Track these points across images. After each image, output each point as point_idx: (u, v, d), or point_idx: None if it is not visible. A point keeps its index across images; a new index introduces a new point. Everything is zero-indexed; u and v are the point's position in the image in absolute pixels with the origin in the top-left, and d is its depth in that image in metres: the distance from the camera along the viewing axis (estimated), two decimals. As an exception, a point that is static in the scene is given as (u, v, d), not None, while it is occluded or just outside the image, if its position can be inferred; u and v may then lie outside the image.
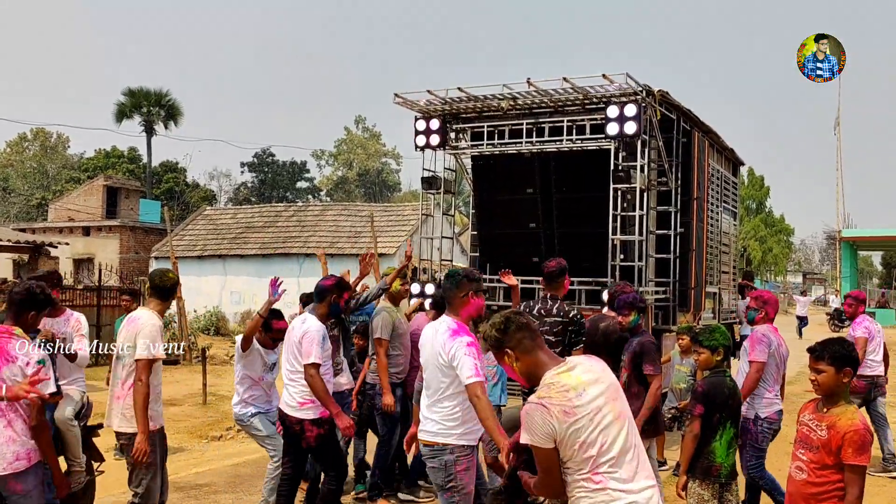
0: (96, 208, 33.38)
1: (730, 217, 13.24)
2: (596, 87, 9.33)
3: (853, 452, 3.75)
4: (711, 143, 11.62)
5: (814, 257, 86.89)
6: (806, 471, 3.96)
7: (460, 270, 4.79)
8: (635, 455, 2.99)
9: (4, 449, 4.18)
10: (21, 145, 55.80)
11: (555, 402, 2.91)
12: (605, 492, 2.93)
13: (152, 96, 44.40)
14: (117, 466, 8.58)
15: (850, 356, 3.94)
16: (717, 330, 5.50)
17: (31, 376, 4.13)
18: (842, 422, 3.83)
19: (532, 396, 3.01)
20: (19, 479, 4.20)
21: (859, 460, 3.75)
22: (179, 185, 48.53)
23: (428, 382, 4.56)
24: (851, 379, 3.94)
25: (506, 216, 10.75)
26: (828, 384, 3.94)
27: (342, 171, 64.65)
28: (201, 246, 26.31)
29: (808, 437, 3.99)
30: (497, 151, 10.34)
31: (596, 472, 2.93)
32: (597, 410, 2.92)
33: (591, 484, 2.94)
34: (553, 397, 2.93)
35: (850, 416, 3.84)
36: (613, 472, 2.93)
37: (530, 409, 2.96)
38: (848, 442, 3.76)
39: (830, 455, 3.83)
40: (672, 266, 10.08)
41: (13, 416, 4.21)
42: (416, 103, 10.34)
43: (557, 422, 2.89)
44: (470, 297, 4.52)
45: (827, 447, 3.84)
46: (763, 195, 64.61)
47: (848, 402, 3.94)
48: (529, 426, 2.95)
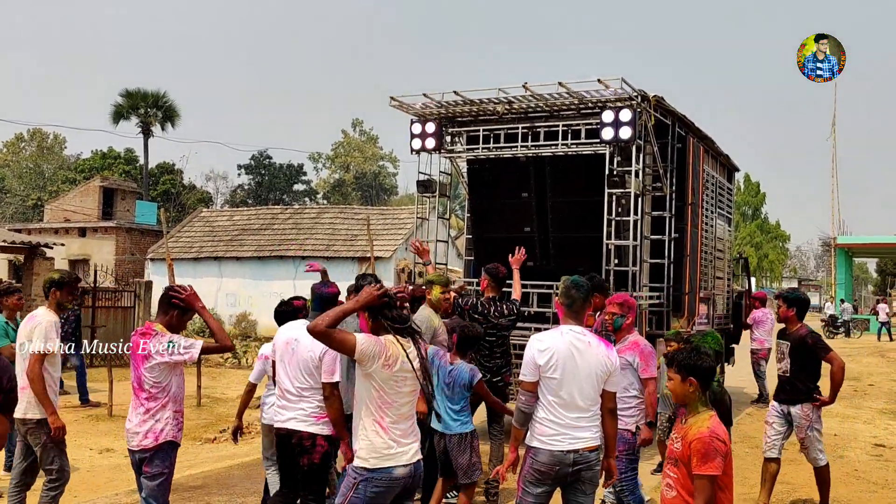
0: (92, 209, 33.34)
1: (724, 223, 13.28)
2: (591, 91, 9.35)
3: (698, 461, 3.71)
4: (706, 149, 11.65)
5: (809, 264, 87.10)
6: (675, 488, 3.89)
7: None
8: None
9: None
10: (17, 146, 55.80)
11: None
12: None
13: (149, 98, 44.35)
14: (107, 468, 8.60)
15: (696, 366, 3.90)
16: (708, 334, 5.54)
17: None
18: (691, 431, 3.81)
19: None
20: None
21: (704, 469, 3.70)
22: (176, 187, 48.49)
23: (586, 395, 4.56)
24: (699, 390, 3.91)
25: (501, 220, 10.76)
26: (675, 392, 3.96)
27: (339, 174, 64.68)
28: (197, 248, 26.28)
29: (672, 452, 3.96)
30: (492, 155, 10.35)
31: None
32: None
33: None
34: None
35: (699, 425, 3.80)
36: None
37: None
38: (694, 451, 3.73)
39: (687, 467, 3.78)
40: (666, 271, 10.10)
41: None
42: (413, 107, 10.35)
43: None
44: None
45: (683, 460, 3.82)
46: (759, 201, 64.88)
47: (704, 410, 3.90)
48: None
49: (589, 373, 4.53)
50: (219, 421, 11.39)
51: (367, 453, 4.08)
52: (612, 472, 4.79)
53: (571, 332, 4.63)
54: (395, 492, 4.14)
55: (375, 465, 4.08)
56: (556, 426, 4.52)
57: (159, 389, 4.82)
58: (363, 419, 4.14)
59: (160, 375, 4.81)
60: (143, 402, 4.81)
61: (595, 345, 4.62)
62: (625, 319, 5.98)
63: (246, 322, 24.24)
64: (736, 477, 7.31)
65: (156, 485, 4.80)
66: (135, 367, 4.86)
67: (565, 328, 4.67)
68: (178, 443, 4.93)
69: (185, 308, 4.93)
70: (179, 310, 4.93)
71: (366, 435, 4.11)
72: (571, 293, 4.71)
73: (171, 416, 4.85)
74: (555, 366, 4.52)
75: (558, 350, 4.55)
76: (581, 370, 4.53)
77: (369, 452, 4.08)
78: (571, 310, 4.71)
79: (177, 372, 4.92)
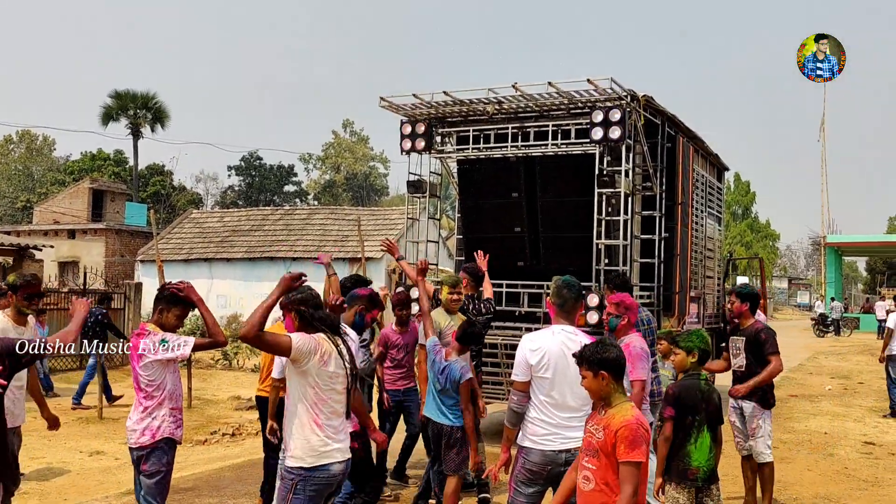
0: (82, 211, 33.20)
1: (714, 222, 13.31)
2: (581, 91, 9.34)
3: (625, 448, 3.65)
4: (696, 149, 11.68)
5: (799, 263, 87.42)
6: (593, 480, 3.82)
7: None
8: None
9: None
10: (6, 147, 55.47)
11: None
12: None
13: (139, 99, 44.26)
14: (97, 471, 8.56)
15: (603, 359, 3.83)
16: (694, 333, 5.52)
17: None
18: (615, 419, 3.74)
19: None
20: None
21: (632, 456, 3.65)
22: (166, 189, 48.33)
23: (577, 394, 4.46)
24: (613, 381, 3.83)
25: (491, 220, 10.76)
26: (591, 389, 3.89)
27: (330, 175, 64.56)
28: (187, 249, 26.20)
29: (590, 443, 3.87)
30: (483, 155, 10.34)
31: None
32: None
33: None
34: None
35: (624, 413, 3.75)
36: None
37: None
38: (620, 438, 3.67)
39: (611, 457, 3.72)
40: (657, 271, 10.11)
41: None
42: (402, 107, 10.33)
43: None
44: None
45: (605, 449, 3.74)
46: (749, 201, 65.04)
47: (624, 400, 3.86)
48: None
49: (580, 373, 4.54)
50: (209, 423, 11.35)
51: (304, 452, 4.14)
52: None
53: (563, 331, 4.64)
54: (332, 489, 4.21)
55: (313, 464, 4.13)
56: (548, 426, 4.53)
57: (154, 387, 4.84)
58: (298, 417, 4.19)
59: (154, 373, 4.83)
60: (142, 401, 4.86)
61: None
62: (620, 320, 5.95)
63: (237, 323, 24.15)
64: (727, 476, 7.38)
65: (153, 483, 4.81)
66: (133, 366, 4.92)
67: (557, 328, 4.68)
68: (176, 440, 4.94)
69: (186, 303, 4.96)
70: (181, 305, 4.96)
71: (302, 433, 4.16)
72: (563, 293, 4.72)
73: (168, 412, 4.88)
74: (546, 365, 4.53)
75: (550, 350, 4.55)
76: (572, 370, 4.52)
77: (306, 451, 4.13)
78: (563, 310, 4.72)
79: (171, 369, 4.94)
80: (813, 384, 16.63)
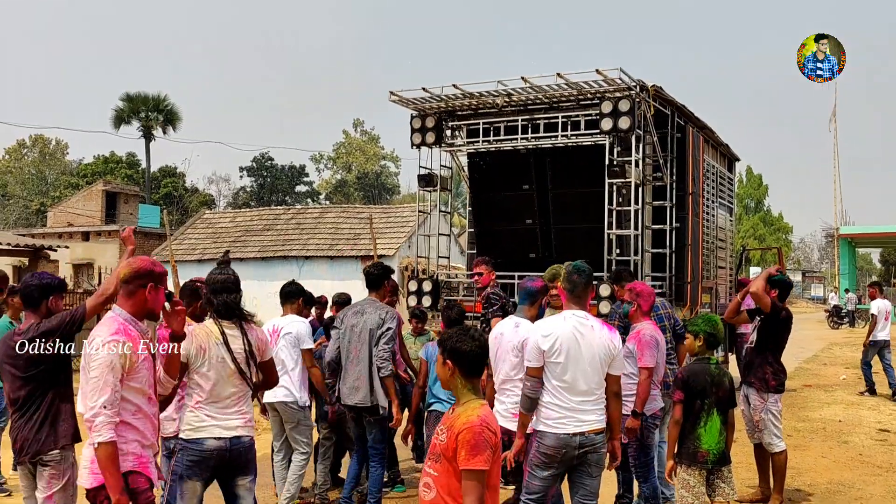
0: (95, 213, 33.43)
1: (725, 212, 13.29)
2: (590, 82, 9.37)
3: (466, 454, 3.18)
4: (706, 139, 11.67)
5: (813, 255, 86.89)
6: (433, 488, 3.32)
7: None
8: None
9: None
10: (20, 152, 55.96)
11: None
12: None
13: (150, 101, 44.51)
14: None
15: (454, 349, 3.38)
16: (702, 317, 5.55)
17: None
18: (458, 421, 3.28)
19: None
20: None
21: (472, 463, 3.17)
22: (178, 190, 48.65)
23: (590, 378, 4.64)
24: (460, 375, 3.39)
25: (502, 213, 10.80)
26: (438, 375, 3.52)
27: (341, 175, 64.73)
28: (201, 250, 26.35)
29: (434, 446, 3.40)
30: (493, 148, 10.38)
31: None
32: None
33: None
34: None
35: (469, 413, 3.28)
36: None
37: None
38: (461, 442, 3.20)
39: (453, 463, 3.24)
40: (668, 261, 10.12)
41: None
42: (412, 101, 10.37)
43: None
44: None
45: (447, 454, 3.27)
46: (761, 193, 64.83)
47: (474, 398, 3.38)
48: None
49: (592, 356, 4.61)
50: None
51: (184, 425, 4.46)
52: (616, 455, 4.84)
53: (574, 316, 4.70)
54: (211, 463, 4.41)
55: (189, 437, 4.42)
56: (562, 409, 4.58)
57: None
58: (186, 394, 4.55)
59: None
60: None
61: (598, 329, 4.70)
62: (631, 306, 6.03)
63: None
64: (741, 464, 7.39)
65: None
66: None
67: (568, 313, 4.74)
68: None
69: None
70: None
71: (186, 409, 4.49)
72: (573, 278, 4.78)
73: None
74: (558, 350, 4.58)
75: (561, 335, 4.61)
76: (584, 354, 4.60)
77: (184, 425, 4.46)
78: (574, 294, 4.77)
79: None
80: (827, 374, 16.57)
